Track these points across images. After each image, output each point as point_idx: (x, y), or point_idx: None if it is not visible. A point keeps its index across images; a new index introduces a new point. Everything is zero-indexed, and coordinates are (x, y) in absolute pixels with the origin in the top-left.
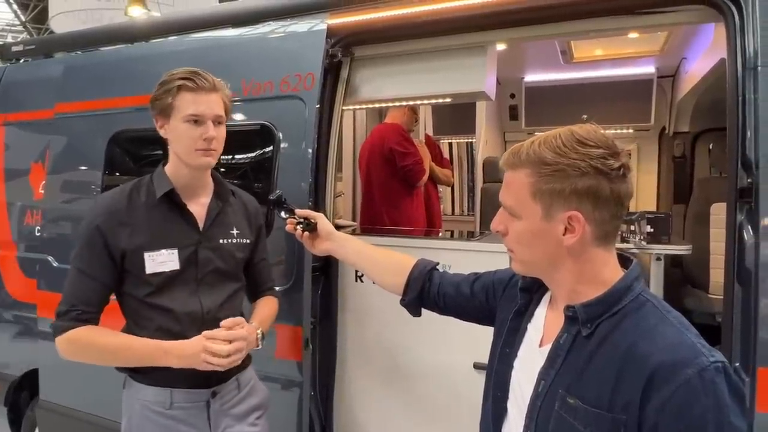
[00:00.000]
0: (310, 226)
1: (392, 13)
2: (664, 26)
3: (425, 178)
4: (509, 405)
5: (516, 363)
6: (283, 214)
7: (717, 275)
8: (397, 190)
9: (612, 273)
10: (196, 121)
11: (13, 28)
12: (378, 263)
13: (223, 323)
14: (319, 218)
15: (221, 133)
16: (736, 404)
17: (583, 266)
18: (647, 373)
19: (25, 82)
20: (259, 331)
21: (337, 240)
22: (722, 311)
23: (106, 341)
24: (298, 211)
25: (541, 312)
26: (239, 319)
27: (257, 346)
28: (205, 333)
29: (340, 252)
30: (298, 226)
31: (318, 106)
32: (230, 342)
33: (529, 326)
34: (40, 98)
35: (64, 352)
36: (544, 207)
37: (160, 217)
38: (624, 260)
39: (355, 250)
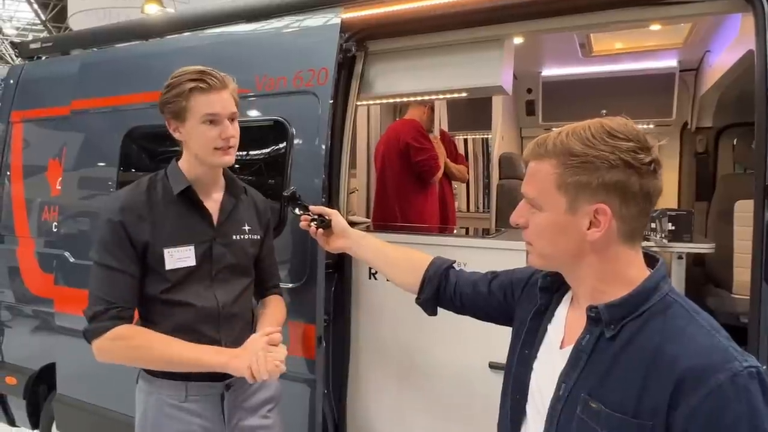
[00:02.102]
0: (325, 223)
1: (406, 7)
2: (688, 17)
3: (439, 174)
4: (528, 408)
5: (535, 365)
6: (297, 210)
7: (741, 274)
8: (410, 185)
9: (638, 272)
10: (213, 120)
11: (34, 27)
12: (393, 261)
13: (268, 330)
14: (334, 215)
15: (236, 130)
16: None
17: (607, 264)
18: (675, 378)
19: (43, 80)
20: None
21: (352, 237)
22: (749, 311)
23: (160, 347)
24: (312, 207)
25: (561, 312)
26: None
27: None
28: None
29: (354, 249)
30: (312, 223)
31: (332, 101)
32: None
33: (550, 327)
34: (57, 95)
35: (106, 353)
36: (569, 199)
37: (177, 213)
38: (649, 259)
39: (370, 248)
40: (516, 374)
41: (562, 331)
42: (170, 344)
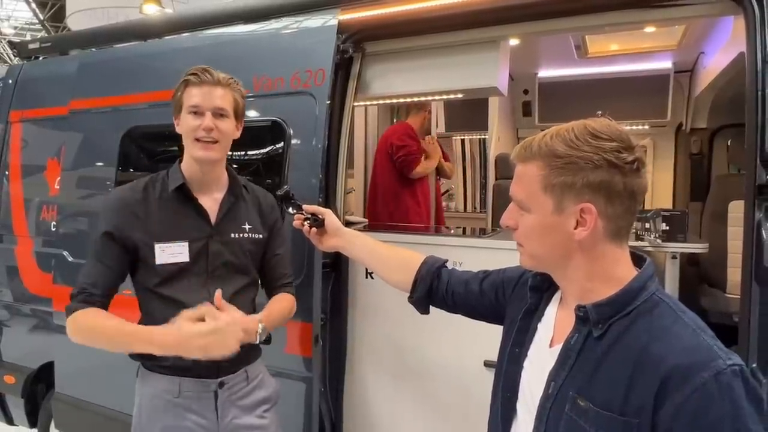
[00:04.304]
0: (318, 222)
1: (403, 8)
2: (682, 20)
3: (419, 169)
4: (519, 406)
5: (526, 363)
6: (290, 209)
7: (734, 274)
8: (397, 184)
9: (625, 271)
10: (196, 112)
11: (32, 26)
12: (386, 260)
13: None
14: (327, 214)
15: (223, 125)
16: (754, 409)
17: (595, 262)
18: (661, 377)
19: (41, 79)
20: (260, 326)
21: (345, 236)
22: (739, 311)
23: (101, 323)
24: (305, 206)
25: (551, 311)
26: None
27: (255, 341)
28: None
29: (347, 248)
30: (306, 222)
31: (329, 102)
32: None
33: (540, 326)
34: (56, 95)
35: (71, 332)
36: (555, 200)
37: (172, 210)
38: (637, 259)
39: (363, 247)
40: (507, 372)
41: (552, 330)
42: (113, 328)
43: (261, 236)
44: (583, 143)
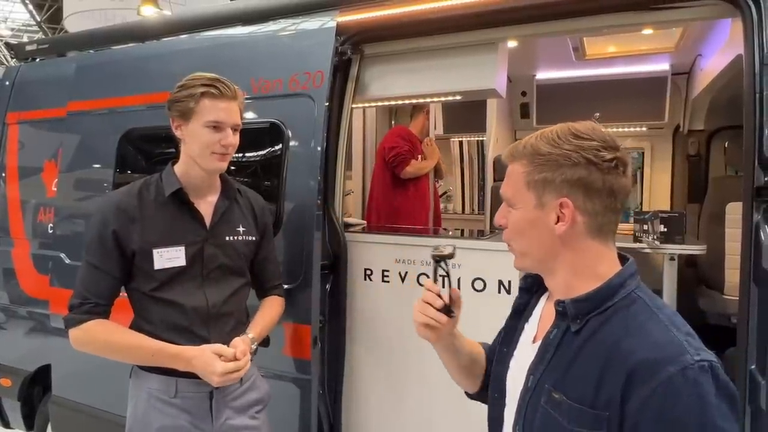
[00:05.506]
0: (451, 313)
1: (402, 10)
2: (680, 22)
3: (410, 169)
4: (506, 403)
5: (512, 363)
6: (439, 272)
7: (732, 276)
8: (389, 183)
9: (608, 269)
10: (216, 127)
11: (29, 28)
12: (471, 365)
13: (233, 345)
14: (458, 310)
15: (237, 139)
16: (726, 405)
17: (577, 258)
18: (627, 370)
19: (39, 81)
20: (253, 346)
21: (458, 338)
22: (738, 312)
23: (119, 338)
24: (454, 288)
25: (537, 309)
26: (247, 345)
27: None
28: (214, 350)
29: (448, 350)
30: (438, 303)
31: (327, 103)
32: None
33: (526, 326)
34: (53, 97)
35: (77, 343)
36: (537, 195)
37: (168, 214)
38: (624, 260)
39: (461, 354)
40: (494, 372)
41: (536, 327)
42: (130, 343)
43: (254, 238)
44: (564, 142)
